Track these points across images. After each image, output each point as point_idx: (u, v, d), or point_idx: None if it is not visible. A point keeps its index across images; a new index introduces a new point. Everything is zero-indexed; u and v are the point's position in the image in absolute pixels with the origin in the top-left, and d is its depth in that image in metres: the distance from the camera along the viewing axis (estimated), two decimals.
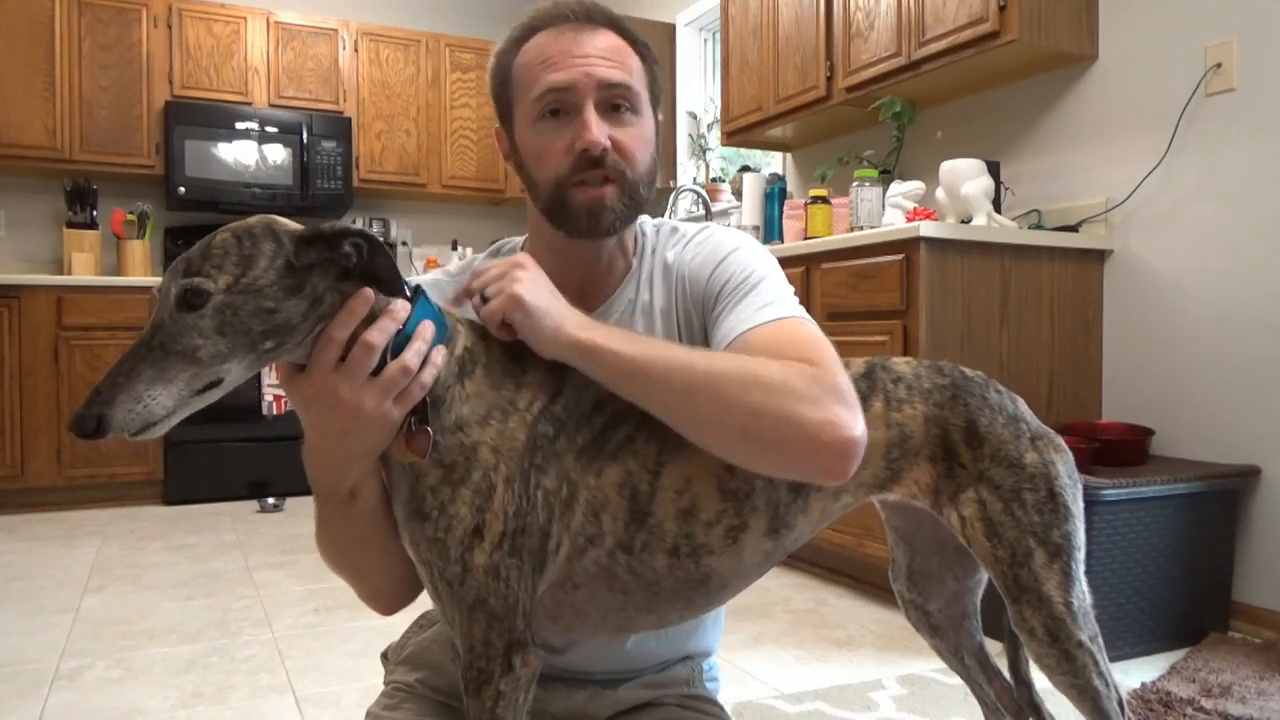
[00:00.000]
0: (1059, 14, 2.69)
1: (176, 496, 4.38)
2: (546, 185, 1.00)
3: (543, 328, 0.88)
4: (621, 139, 0.99)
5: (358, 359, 0.82)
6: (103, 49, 4.56)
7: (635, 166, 1.00)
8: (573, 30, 0.99)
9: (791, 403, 0.84)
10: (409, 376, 0.84)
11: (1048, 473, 1.06)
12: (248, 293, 0.79)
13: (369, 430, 0.84)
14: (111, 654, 2.27)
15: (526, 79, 1.00)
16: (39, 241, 4.74)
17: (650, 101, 1.04)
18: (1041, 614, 1.04)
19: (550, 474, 0.88)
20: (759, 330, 0.95)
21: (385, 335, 0.83)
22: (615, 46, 1.01)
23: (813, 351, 0.91)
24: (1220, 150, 2.44)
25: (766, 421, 0.84)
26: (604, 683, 1.11)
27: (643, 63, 1.04)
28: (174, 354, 0.77)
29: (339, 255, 0.82)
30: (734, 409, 0.85)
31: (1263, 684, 1.96)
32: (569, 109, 0.98)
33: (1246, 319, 2.37)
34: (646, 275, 1.08)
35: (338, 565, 1.00)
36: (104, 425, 0.73)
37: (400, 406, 0.84)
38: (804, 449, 0.85)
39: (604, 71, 0.98)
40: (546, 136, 0.99)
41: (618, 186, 0.99)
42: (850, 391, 0.88)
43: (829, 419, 0.84)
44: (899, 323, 2.53)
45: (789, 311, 0.97)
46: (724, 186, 4.52)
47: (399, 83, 5.22)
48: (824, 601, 2.70)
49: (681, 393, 0.87)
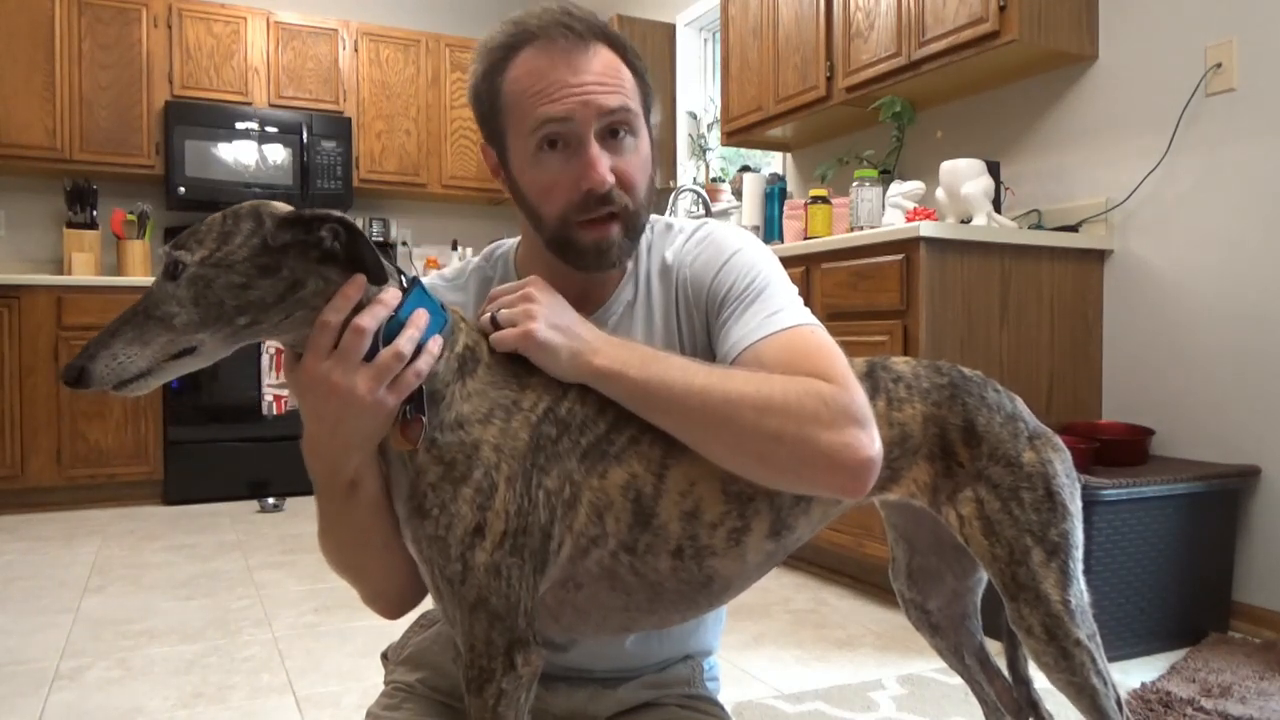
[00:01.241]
0: (1059, 14, 2.69)
1: (176, 496, 4.38)
2: (551, 220, 0.98)
3: (559, 360, 0.90)
4: (623, 168, 0.97)
5: (349, 343, 0.83)
6: (103, 49, 4.56)
7: (637, 196, 0.99)
8: (564, 51, 0.95)
9: (808, 427, 0.86)
10: (401, 362, 0.84)
11: (1045, 471, 1.07)
12: (219, 266, 0.82)
13: (363, 417, 0.84)
14: (111, 654, 2.27)
15: (520, 108, 0.96)
16: (39, 241, 4.74)
17: (645, 116, 1.02)
18: (1039, 612, 1.04)
19: (552, 475, 0.89)
20: (770, 341, 0.94)
21: (376, 320, 0.84)
22: (609, 65, 0.97)
23: (826, 365, 0.91)
24: (1220, 150, 2.44)
25: (784, 447, 0.86)
26: (605, 681, 1.11)
27: (634, 75, 1.00)
28: (153, 319, 0.81)
29: (314, 239, 0.84)
30: (752, 435, 0.87)
31: (1263, 684, 1.96)
32: (569, 140, 0.95)
33: (1247, 319, 2.37)
34: (644, 275, 1.08)
35: (340, 565, 0.99)
36: (84, 377, 0.79)
37: (394, 394, 0.84)
38: (821, 471, 0.87)
39: (602, 98, 0.95)
40: (549, 171, 0.96)
41: (622, 221, 0.98)
42: (865, 408, 0.89)
43: (845, 441, 0.86)
44: (899, 323, 2.53)
45: (798, 319, 0.97)
46: (724, 186, 4.52)
47: (399, 83, 5.22)
48: (824, 601, 2.70)
49: (700, 419, 0.88)
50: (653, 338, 1.06)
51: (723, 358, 0.98)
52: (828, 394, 0.87)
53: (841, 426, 0.86)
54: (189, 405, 4.42)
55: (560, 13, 0.97)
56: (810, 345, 0.94)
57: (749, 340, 0.96)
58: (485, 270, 1.13)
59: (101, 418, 4.29)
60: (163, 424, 4.39)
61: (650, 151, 1.03)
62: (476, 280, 1.12)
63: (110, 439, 4.31)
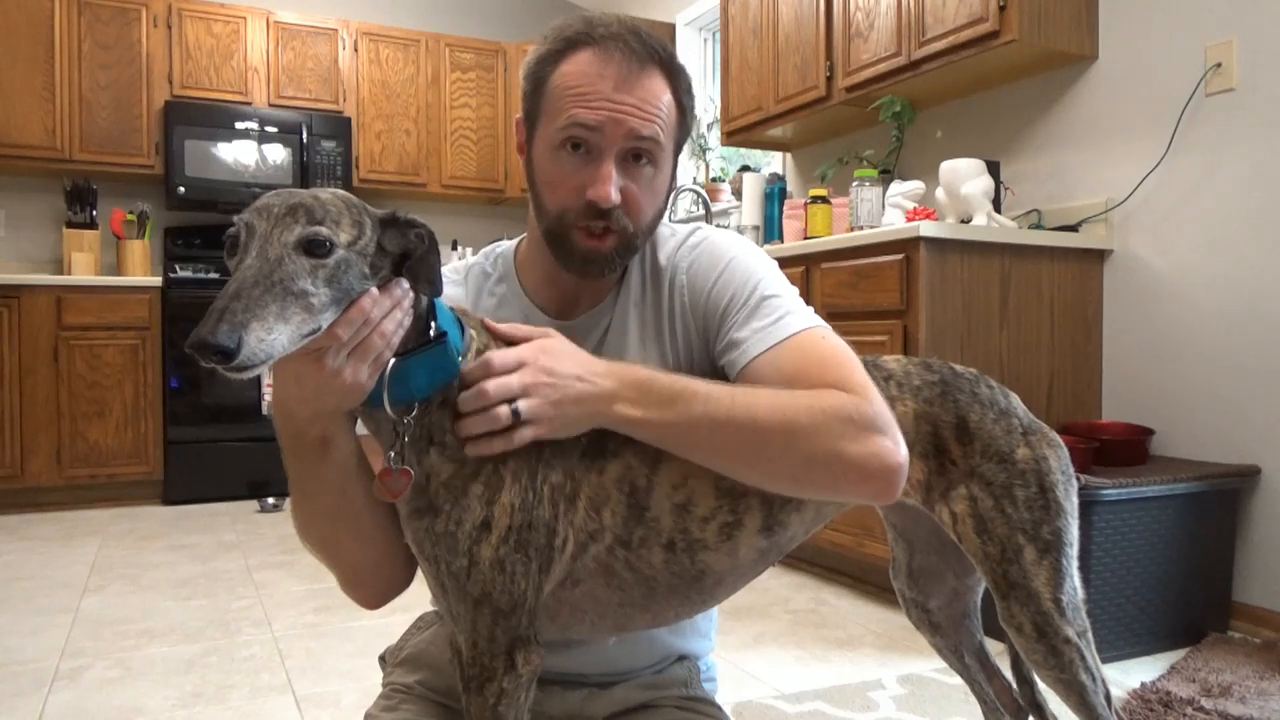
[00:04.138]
0: (1059, 14, 2.69)
1: (176, 496, 4.38)
2: (551, 213, 1.00)
3: (574, 429, 0.89)
4: (633, 193, 0.98)
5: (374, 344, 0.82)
6: (102, 49, 4.56)
7: (640, 221, 0.99)
8: (618, 65, 0.96)
9: (836, 444, 0.87)
10: (385, 342, 0.81)
11: (1039, 468, 1.07)
12: (361, 254, 0.80)
13: (346, 396, 0.82)
14: (111, 654, 2.27)
15: (558, 101, 0.97)
16: (39, 241, 4.73)
17: (674, 150, 1.03)
18: (1029, 610, 1.04)
19: (557, 469, 0.89)
20: (779, 350, 0.94)
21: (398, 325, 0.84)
22: (655, 93, 0.97)
23: (842, 371, 0.92)
24: (1220, 150, 2.43)
25: (817, 468, 0.88)
26: (600, 684, 1.11)
27: (679, 108, 1.01)
28: (293, 294, 0.74)
29: (408, 240, 0.85)
30: (783, 463, 0.88)
31: (1263, 684, 1.96)
32: (591, 148, 0.96)
33: (1247, 319, 2.37)
34: (639, 280, 1.08)
35: (314, 539, 0.96)
36: (239, 349, 0.68)
37: (373, 370, 0.82)
38: (853, 483, 0.89)
39: (634, 123, 0.95)
40: (563, 168, 0.98)
41: (618, 238, 0.99)
42: (885, 414, 0.90)
43: (873, 452, 0.88)
44: (899, 322, 2.53)
45: (805, 323, 0.97)
46: (724, 186, 4.52)
47: (399, 83, 5.22)
48: (824, 601, 2.70)
49: (730, 453, 0.89)
50: (645, 342, 1.06)
51: (729, 364, 0.98)
52: (850, 406, 0.88)
53: (867, 437, 0.88)
54: (189, 405, 4.42)
55: (628, 30, 0.98)
56: (823, 351, 0.94)
57: (759, 349, 0.95)
58: (485, 267, 1.13)
59: (101, 418, 4.29)
60: (162, 424, 4.39)
61: (667, 187, 1.03)
62: (476, 276, 1.13)
63: (110, 439, 4.31)
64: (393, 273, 0.84)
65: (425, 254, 0.85)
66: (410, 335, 0.86)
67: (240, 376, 0.71)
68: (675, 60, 1.01)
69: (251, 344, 0.69)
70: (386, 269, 0.84)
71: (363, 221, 0.82)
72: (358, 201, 0.84)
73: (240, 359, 0.68)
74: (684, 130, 1.03)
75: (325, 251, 0.77)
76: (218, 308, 0.70)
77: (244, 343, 0.69)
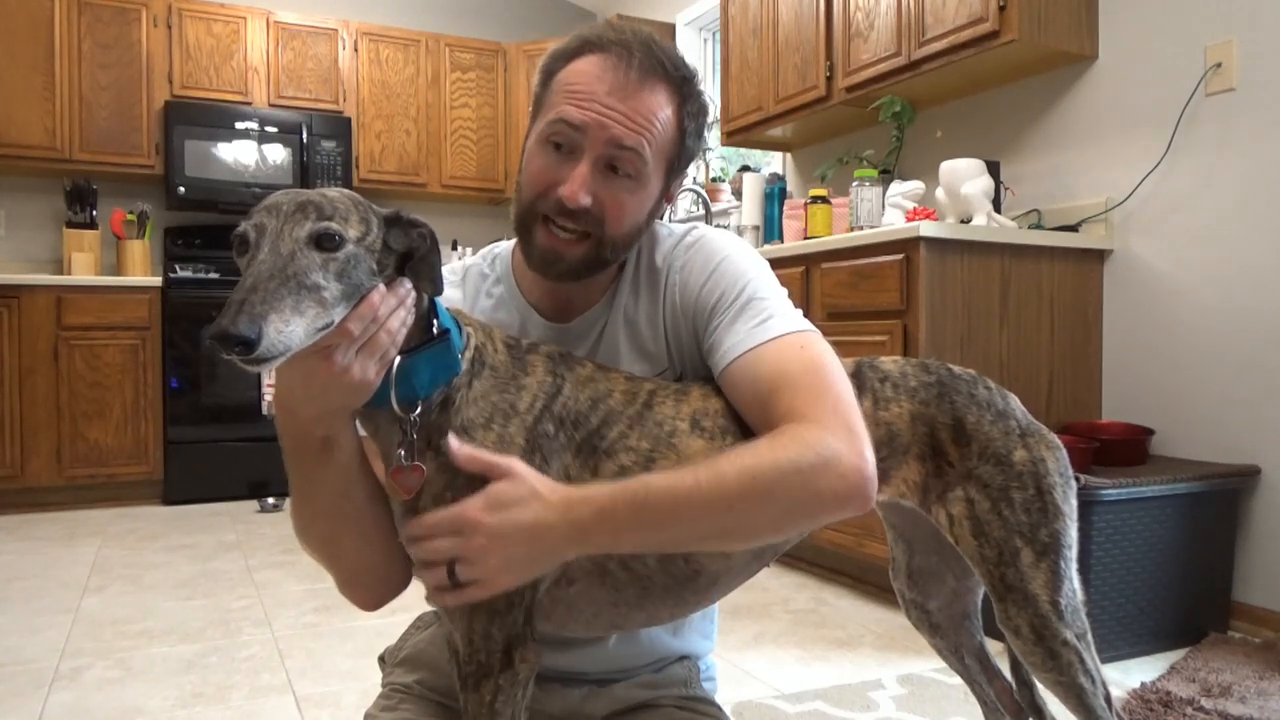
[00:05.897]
0: (1059, 14, 2.69)
1: (176, 496, 4.38)
2: (523, 202, 1.01)
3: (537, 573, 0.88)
4: (605, 200, 0.97)
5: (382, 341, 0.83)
6: (102, 49, 4.56)
7: (610, 227, 0.98)
8: (619, 73, 0.96)
9: (809, 483, 0.86)
10: (391, 339, 0.82)
11: (1037, 470, 1.06)
12: (370, 250, 0.81)
13: (353, 393, 0.83)
14: (111, 654, 2.27)
15: (554, 97, 0.99)
16: (39, 241, 4.73)
17: (665, 170, 1.02)
18: (1027, 613, 1.04)
19: (553, 468, 0.90)
20: (760, 351, 0.94)
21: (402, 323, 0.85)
22: (651, 106, 0.97)
23: (819, 378, 0.92)
24: (1220, 150, 2.43)
25: (794, 515, 0.89)
26: (599, 682, 1.11)
27: (679, 127, 1.01)
28: (306, 288, 0.74)
29: (411, 239, 0.85)
30: (760, 525, 0.88)
31: (1263, 684, 1.96)
32: (573, 148, 0.97)
33: (1246, 319, 2.37)
34: (633, 281, 1.08)
35: (313, 541, 0.96)
36: (260, 340, 0.69)
37: (380, 367, 0.83)
38: (831, 510, 0.89)
39: (618, 131, 0.96)
40: (541, 160, 0.99)
41: (584, 242, 0.98)
42: (857, 426, 0.90)
43: (840, 475, 0.87)
44: (899, 322, 2.53)
45: (788, 326, 0.97)
46: (724, 186, 4.52)
47: (399, 83, 5.21)
48: (824, 601, 2.70)
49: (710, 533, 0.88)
50: (640, 346, 1.06)
51: (714, 366, 0.98)
52: (811, 447, 0.86)
53: (836, 464, 0.86)
54: (189, 405, 4.42)
55: (639, 42, 0.99)
56: (806, 358, 0.94)
57: (739, 350, 0.95)
58: (483, 268, 1.14)
59: (101, 418, 4.29)
60: (162, 424, 4.39)
61: (649, 203, 1.02)
62: (474, 277, 1.13)
63: (110, 439, 4.31)
64: (395, 272, 0.85)
65: (427, 253, 0.86)
66: (413, 334, 0.86)
67: (258, 369, 0.72)
68: (689, 80, 1.01)
69: (271, 335, 0.70)
70: (391, 267, 0.84)
71: (369, 219, 0.83)
72: (363, 200, 0.85)
73: (260, 350, 0.69)
74: (683, 149, 1.03)
75: (336, 245, 0.78)
76: (236, 300, 0.71)
77: (264, 334, 0.69)
